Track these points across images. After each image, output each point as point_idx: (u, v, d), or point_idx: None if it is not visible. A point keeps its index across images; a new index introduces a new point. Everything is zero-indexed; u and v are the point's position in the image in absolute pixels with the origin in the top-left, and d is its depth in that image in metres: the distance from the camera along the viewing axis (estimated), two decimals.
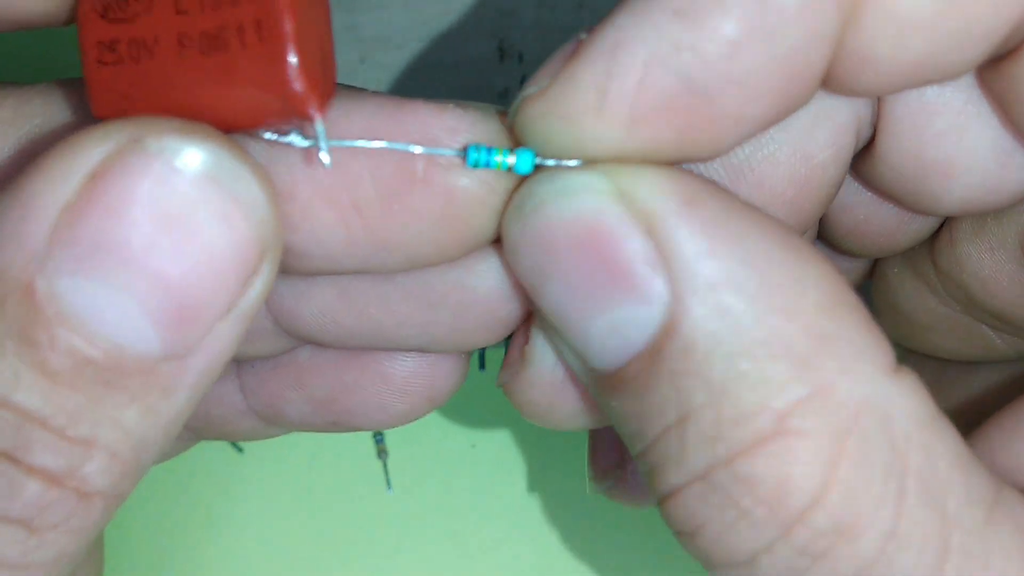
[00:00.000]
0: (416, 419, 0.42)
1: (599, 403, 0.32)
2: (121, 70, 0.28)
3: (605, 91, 0.28)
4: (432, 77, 0.57)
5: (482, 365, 0.34)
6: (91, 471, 0.29)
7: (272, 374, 0.42)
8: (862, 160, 0.36)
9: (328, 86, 0.29)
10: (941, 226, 0.41)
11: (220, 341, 0.30)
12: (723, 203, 0.29)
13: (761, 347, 0.28)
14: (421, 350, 0.40)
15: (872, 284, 0.47)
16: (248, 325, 0.30)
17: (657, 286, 0.29)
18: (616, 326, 0.29)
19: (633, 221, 0.29)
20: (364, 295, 0.38)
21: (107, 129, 0.28)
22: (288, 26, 0.27)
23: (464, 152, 0.31)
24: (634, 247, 0.29)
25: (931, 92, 0.34)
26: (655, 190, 0.29)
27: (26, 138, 0.33)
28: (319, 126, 0.29)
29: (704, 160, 0.32)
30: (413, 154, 0.31)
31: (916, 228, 0.41)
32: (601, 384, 0.31)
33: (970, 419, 0.41)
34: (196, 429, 0.43)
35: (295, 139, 0.30)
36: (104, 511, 0.30)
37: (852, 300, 0.30)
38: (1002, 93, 0.33)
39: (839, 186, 0.36)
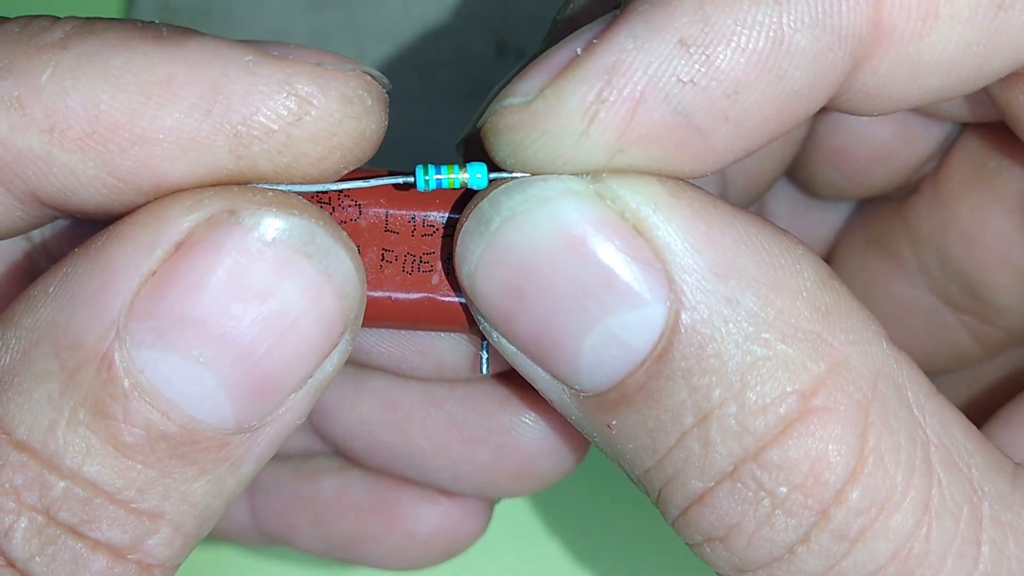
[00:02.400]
0: (429, 567, 0.42)
1: (587, 429, 0.30)
2: None
3: (594, 116, 0.27)
4: (430, 73, 0.56)
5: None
6: (154, 544, 0.29)
7: (290, 505, 0.41)
8: None
9: None
10: (918, 191, 0.41)
11: (292, 413, 0.29)
12: (703, 195, 0.28)
13: (772, 330, 0.28)
14: (449, 490, 0.40)
15: None
16: (320, 396, 0.30)
17: (655, 285, 0.27)
18: (613, 337, 0.28)
19: (619, 221, 0.28)
20: (408, 414, 0.38)
21: (198, 197, 0.27)
22: None
23: (413, 174, 0.30)
24: (625, 248, 0.27)
25: None
26: (636, 188, 0.28)
27: None
28: (485, 348, 0.33)
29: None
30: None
31: (904, 158, 0.40)
32: (594, 406, 0.29)
33: None
34: None
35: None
36: None
37: (837, 276, 0.29)
38: (1014, 107, 0.32)
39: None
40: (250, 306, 0.27)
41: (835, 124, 0.40)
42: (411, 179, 0.29)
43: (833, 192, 0.42)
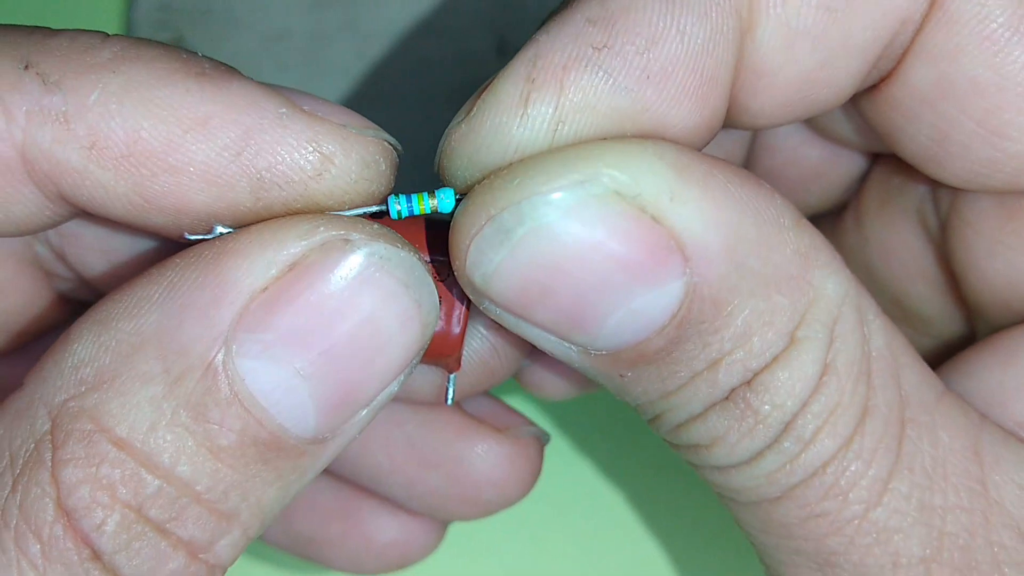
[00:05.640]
0: (382, 574, 0.45)
1: (592, 375, 0.33)
2: None
3: (528, 96, 0.29)
4: (430, 73, 0.57)
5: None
6: (224, 545, 0.30)
7: None
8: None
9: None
10: (846, 210, 0.43)
11: (356, 428, 0.31)
12: (701, 169, 0.30)
13: (769, 284, 0.31)
14: (403, 506, 0.42)
15: None
16: (377, 414, 0.31)
17: (674, 266, 0.30)
18: (635, 313, 0.30)
19: (640, 215, 0.29)
20: (372, 429, 0.39)
21: (313, 223, 0.29)
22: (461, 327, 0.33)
23: (385, 204, 0.31)
24: (646, 239, 0.29)
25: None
26: (649, 178, 0.29)
27: None
28: (451, 381, 0.36)
29: None
30: None
31: (835, 176, 0.42)
32: (607, 362, 0.32)
33: None
34: None
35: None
36: None
37: (802, 215, 0.32)
38: (881, 120, 0.35)
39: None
40: (353, 327, 0.29)
41: (768, 148, 0.42)
42: (383, 207, 0.31)
43: None
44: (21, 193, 0.31)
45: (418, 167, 0.33)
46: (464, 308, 0.32)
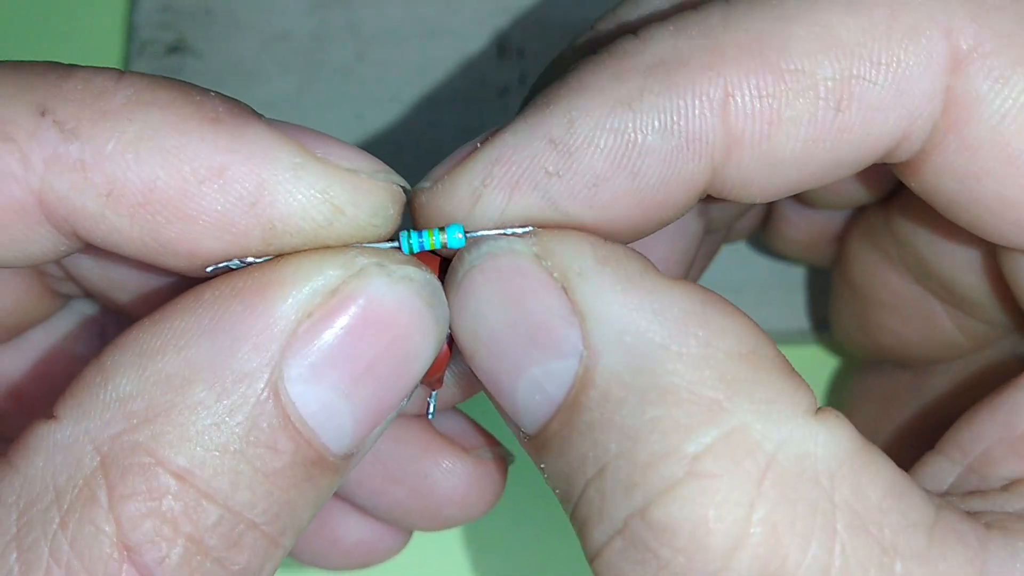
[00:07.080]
0: (346, 571, 0.46)
1: (540, 470, 0.32)
2: None
3: (479, 198, 0.31)
4: (431, 74, 0.57)
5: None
6: (270, 568, 0.31)
7: None
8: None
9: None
10: (896, 194, 0.42)
11: (372, 442, 0.32)
12: (636, 264, 0.31)
13: (671, 394, 0.29)
14: (369, 514, 0.43)
15: (833, 270, 0.48)
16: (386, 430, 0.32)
17: (572, 339, 0.30)
18: (538, 382, 0.31)
19: (550, 279, 0.30)
20: None
21: (350, 252, 0.31)
22: (443, 358, 0.34)
23: (396, 239, 0.32)
24: (550, 303, 0.30)
25: None
26: (570, 251, 0.31)
27: None
28: (433, 398, 0.37)
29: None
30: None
31: (879, 170, 0.41)
32: (531, 448, 0.32)
33: (924, 426, 0.44)
34: None
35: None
36: None
37: (770, 351, 0.30)
38: (927, 192, 0.33)
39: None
40: (388, 345, 0.30)
41: None
42: (396, 244, 0.32)
43: (820, 203, 0.44)
44: (38, 233, 0.31)
45: (419, 169, 0.33)
46: (449, 332, 0.33)
